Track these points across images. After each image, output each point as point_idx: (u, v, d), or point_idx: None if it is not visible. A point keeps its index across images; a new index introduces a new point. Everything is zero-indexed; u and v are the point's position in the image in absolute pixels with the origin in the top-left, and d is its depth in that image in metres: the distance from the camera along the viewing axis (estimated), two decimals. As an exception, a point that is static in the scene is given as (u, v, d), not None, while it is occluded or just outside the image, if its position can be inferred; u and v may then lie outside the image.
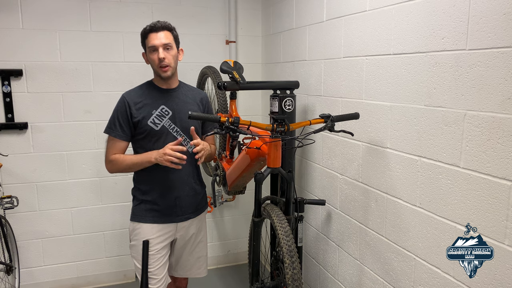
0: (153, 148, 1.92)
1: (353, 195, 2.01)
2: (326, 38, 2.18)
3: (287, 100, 2.03)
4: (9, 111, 2.67)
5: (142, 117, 1.92)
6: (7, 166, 2.72)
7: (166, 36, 1.90)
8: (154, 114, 1.93)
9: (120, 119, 1.93)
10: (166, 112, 1.94)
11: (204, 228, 2.19)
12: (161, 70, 1.90)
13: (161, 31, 1.89)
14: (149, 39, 1.89)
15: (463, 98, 1.36)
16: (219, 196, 3.14)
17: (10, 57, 2.65)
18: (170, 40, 1.90)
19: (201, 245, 2.17)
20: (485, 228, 1.31)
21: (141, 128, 1.92)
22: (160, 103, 1.95)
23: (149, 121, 1.92)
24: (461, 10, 1.35)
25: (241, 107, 3.19)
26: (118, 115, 1.93)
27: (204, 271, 2.21)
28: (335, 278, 2.23)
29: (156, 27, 1.88)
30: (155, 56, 1.88)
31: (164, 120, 1.94)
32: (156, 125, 1.93)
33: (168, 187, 1.97)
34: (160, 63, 1.88)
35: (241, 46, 3.17)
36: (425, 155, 1.54)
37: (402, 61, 1.63)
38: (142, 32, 1.93)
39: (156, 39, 1.87)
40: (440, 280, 1.50)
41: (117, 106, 1.96)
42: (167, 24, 1.93)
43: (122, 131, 1.93)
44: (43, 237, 2.88)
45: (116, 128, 1.93)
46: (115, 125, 1.94)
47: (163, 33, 1.89)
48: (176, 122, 1.96)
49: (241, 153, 2.26)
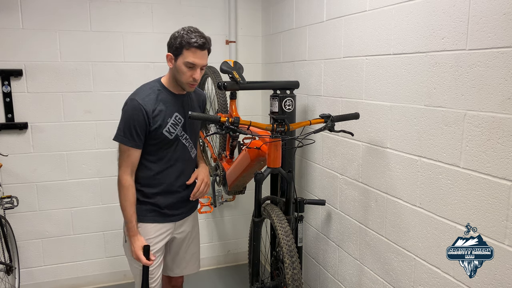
0: (162, 155, 1.89)
1: (353, 195, 2.01)
2: (326, 38, 2.18)
3: (287, 100, 2.03)
4: (9, 111, 2.67)
5: (158, 125, 1.84)
6: (7, 166, 2.72)
7: (206, 56, 1.82)
8: (169, 122, 1.86)
9: (137, 128, 1.80)
10: (179, 120, 1.90)
11: (197, 224, 2.19)
12: (188, 86, 1.85)
13: (206, 50, 1.80)
14: (191, 54, 1.75)
15: (463, 98, 1.36)
16: (219, 196, 3.14)
17: (10, 57, 2.65)
18: (207, 61, 1.84)
19: (195, 241, 2.18)
20: (485, 228, 1.31)
21: (155, 136, 1.85)
22: (173, 110, 1.89)
23: (165, 130, 1.85)
24: (461, 10, 1.35)
25: (241, 107, 3.19)
26: (135, 124, 1.80)
27: (197, 266, 2.22)
28: (335, 278, 2.23)
29: (204, 47, 1.77)
30: (190, 73, 1.79)
31: (177, 129, 1.89)
32: (171, 134, 1.87)
33: (171, 192, 1.97)
34: (192, 81, 1.82)
35: (241, 46, 3.17)
36: (425, 155, 1.54)
37: (402, 61, 1.63)
38: (184, 40, 1.75)
39: (199, 58, 1.77)
40: (440, 280, 1.50)
41: (132, 113, 1.81)
42: (210, 42, 1.83)
43: (139, 140, 1.83)
44: (43, 237, 2.88)
45: (132, 138, 1.81)
46: (131, 134, 1.81)
47: (206, 53, 1.81)
48: (186, 129, 1.94)
49: (241, 153, 2.26)
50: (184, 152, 1.96)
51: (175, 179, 1.96)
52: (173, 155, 1.92)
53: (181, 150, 1.94)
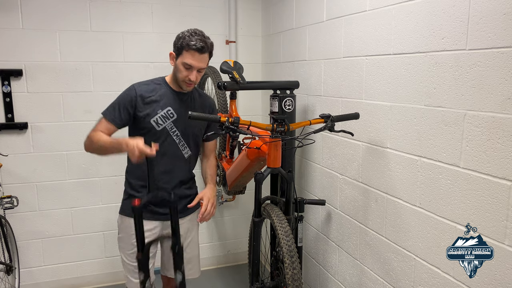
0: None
1: (353, 195, 2.02)
2: (326, 38, 2.18)
3: (287, 100, 2.03)
4: (9, 111, 2.67)
5: (146, 114, 1.91)
6: (7, 166, 2.72)
7: (206, 60, 1.88)
8: (159, 114, 1.92)
9: (121, 106, 1.91)
10: (171, 114, 1.94)
11: (194, 229, 2.15)
12: (185, 84, 1.91)
13: (205, 53, 1.86)
14: (189, 56, 1.83)
15: (463, 98, 1.36)
16: (219, 196, 3.14)
17: (10, 57, 2.65)
18: (206, 64, 1.90)
19: (192, 245, 2.14)
20: (485, 228, 1.31)
21: (142, 124, 1.92)
22: (168, 104, 1.94)
23: (153, 119, 1.91)
24: (461, 10, 1.35)
25: (241, 107, 3.19)
26: (120, 101, 1.92)
27: (196, 272, 2.19)
28: (335, 278, 2.23)
29: (203, 50, 1.83)
30: (186, 73, 1.87)
31: (167, 122, 1.93)
32: (159, 125, 1.92)
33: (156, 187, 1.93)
34: (188, 81, 1.89)
35: (241, 46, 3.17)
36: (425, 155, 1.54)
37: (402, 61, 1.63)
38: (185, 42, 1.82)
39: (197, 61, 1.84)
40: (440, 280, 1.50)
41: (123, 94, 1.94)
42: (211, 47, 1.89)
43: (118, 116, 1.91)
44: (43, 237, 2.88)
45: (113, 111, 1.91)
46: (113, 109, 1.91)
47: (205, 56, 1.87)
48: (178, 126, 1.96)
49: (241, 153, 2.26)
50: (172, 148, 1.96)
51: (161, 174, 1.95)
52: (160, 148, 1.90)
53: (169, 145, 1.95)
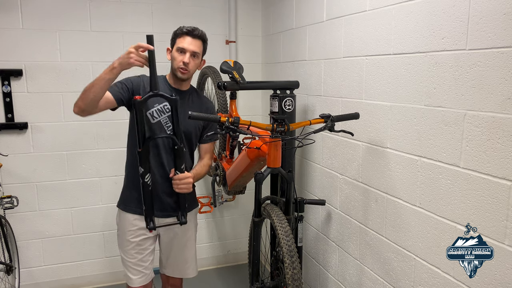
0: None
1: (353, 195, 2.02)
2: (326, 38, 2.18)
3: (287, 100, 2.03)
4: (9, 111, 2.67)
5: None
6: (7, 166, 2.72)
7: (198, 45, 1.97)
8: (156, 107, 1.95)
9: (123, 81, 1.95)
10: (167, 109, 1.96)
11: (192, 228, 2.15)
12: (179, 71, 1.95)
13: (197, 39, 1.96)
14: (182, 40, 1.94)
15: (463, 98, 1.36)
16: (219, 196, 3.14)
17: (10, 57, 2.65)
18: (199, 50, 1.98)
19: (189, 244, 2.15)
20: (485, 228, 1.31)
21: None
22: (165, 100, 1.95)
23: (148, 112, 1.94)
24: (461, 10, 1.35)
25: (241, 107, 3.19)
26: (125, 79, 1.96)
27: (193, 271, 2.20)
28: (335, 278, 2.23)
29: (194, 34, 1.94)
30: (180, 58, 1.94)
31: (162, 116, 1.96)
32: (154, 118, 1.95)
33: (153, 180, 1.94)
34: (182, 65, 1.94)
35: (241, 46, 3.17)
36: (425, 155, 1.54)
37: (402, 61, 1.63)
38: (178, 30, 1.97)
39: (189, 43, 1.93)
40: (440, 280, 1.50)
41: (131, 77, 1.99)
42: (204, 35, 2.00)
43: (120, 89, 1.92)
44: (43, 237, 2.88)
45: (116, 86, 1.92)
46: (116, 85, 1.93)
47: (197, 42, 1.96)
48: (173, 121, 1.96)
49: (241, 153, 2.26)
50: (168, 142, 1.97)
51: (156, 167, 1.96)
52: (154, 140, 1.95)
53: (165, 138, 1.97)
